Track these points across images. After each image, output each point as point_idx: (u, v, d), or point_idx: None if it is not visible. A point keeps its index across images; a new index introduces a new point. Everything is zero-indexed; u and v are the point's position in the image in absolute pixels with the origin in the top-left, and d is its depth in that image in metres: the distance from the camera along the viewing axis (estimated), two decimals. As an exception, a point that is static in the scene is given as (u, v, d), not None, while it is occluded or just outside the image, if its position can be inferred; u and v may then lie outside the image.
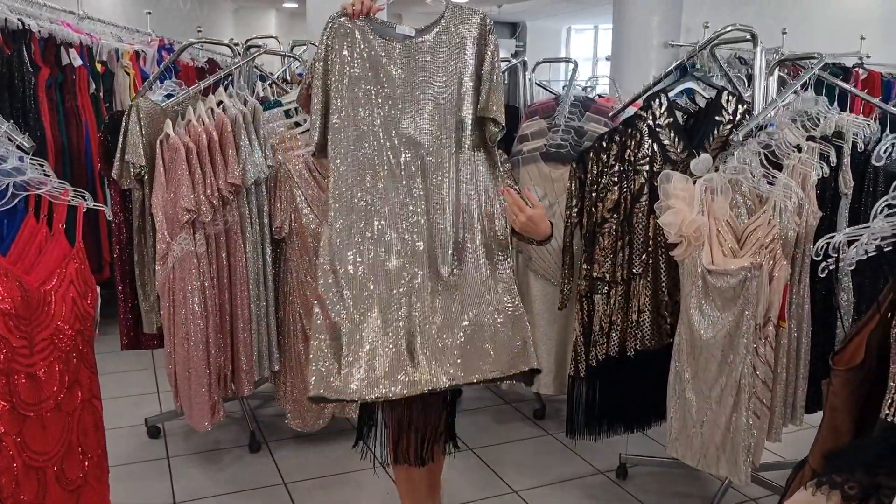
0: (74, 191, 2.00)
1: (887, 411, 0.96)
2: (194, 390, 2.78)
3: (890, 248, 1.21)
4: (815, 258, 1.53)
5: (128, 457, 3.06)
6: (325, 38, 2.05)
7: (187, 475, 2.94)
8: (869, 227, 1.29)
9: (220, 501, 2.77)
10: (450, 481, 2.91)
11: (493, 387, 3.84)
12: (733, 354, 2.28)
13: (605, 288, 2.73)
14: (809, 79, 2.63)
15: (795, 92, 2.51)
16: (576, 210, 2.78)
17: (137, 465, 3.01)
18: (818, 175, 2.27)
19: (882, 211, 1.27)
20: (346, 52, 2.03)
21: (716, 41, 2.77)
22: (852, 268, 1.57)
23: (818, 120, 2.46)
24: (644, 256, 2.69)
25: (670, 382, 2.50)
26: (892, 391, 0.96)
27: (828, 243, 1.43)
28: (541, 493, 2.87)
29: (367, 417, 2.21)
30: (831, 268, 1.59)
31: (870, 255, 1.29)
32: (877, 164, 2.29)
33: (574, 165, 2.78)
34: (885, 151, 2.29)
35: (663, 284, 2.70)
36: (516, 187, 2.16)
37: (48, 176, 1.99)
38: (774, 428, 2.41)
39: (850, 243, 1.32)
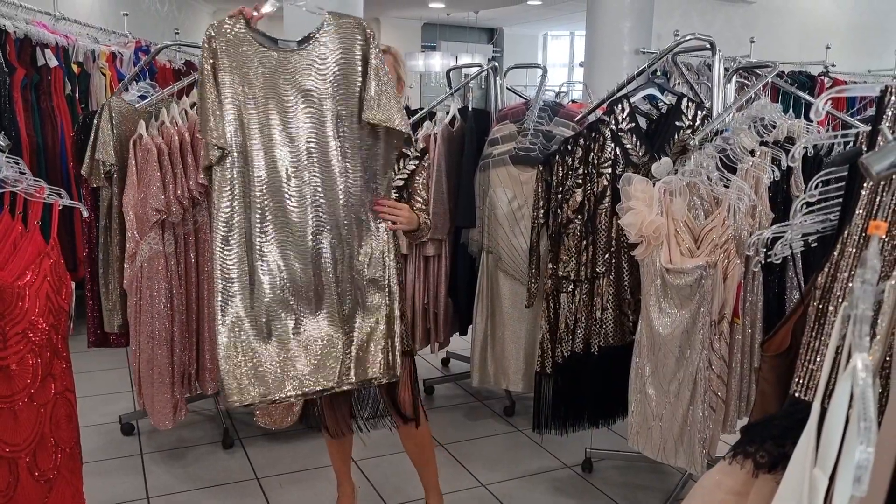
0: (50, 189, 2.05)
1: (795, 388, 1.05)
2: (157, 389, 2.83)
3: (816, 243, 1.30)
4: (747, 253, 1.62)
5: (101, 452, 3.10)
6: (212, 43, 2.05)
7: (160, 471, 2.98)
8: (791, 224, 1.38)
9: (193, 496, 2.82)
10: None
11: (465, 385, 3.92)
12: (690, 350, 2.38)
13: (571, 286, 2.82)
14: (765, 86, 2.73)
15: (749, 99, 2.62)
16: (542, 211, 2.87)
17: (111, 461, 3.04)
18: (770, 178, 2.37)
19: (801, 209, 1.36)
20: (227, 58, 2.04)
21: (676, 49, 2.87)
22: (779, 262, 1.67)
23: (772, 126, 2.56)
24: (607, 256, 2.78)
25: (632, 378, 2.59)
26: (800, 369, 1.05)
27: (757, 239, 1.53)
28: (508, 487, 2.94)
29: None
30: (776, 262, 1.68)
31: (795, 250, 1.38)
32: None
33: (541, 168, 2.87)
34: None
35: (626, 283, 2.80)
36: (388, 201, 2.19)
37: (24, 174, 2.04)
38: (730, 420, 2.51)
39: (777, 240, 1.41)
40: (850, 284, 0.99)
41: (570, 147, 2.79)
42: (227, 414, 3.46)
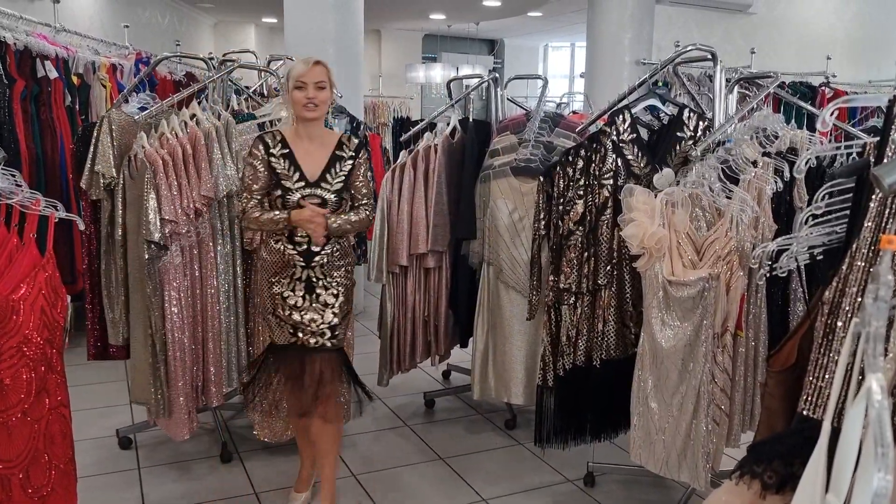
0: (46, 201, 2.03)
1: (803, 405, 1.02)
2: (173, 400, 2.80)
3: (822, 256, 1.28)
4: (752, 266, 1.60)
5: (98, 467, 3.06)
6: None
7: (158, 485, 2.95)
8: (796, 236, 1.35)
9: (191, 511, 2.78)
10: (420, 489, 2.96)
11: (466, 398, 3.89)
12: (693, 363, 2.35)
13: (572, 299, 2.79)
14: (766, 97, 2.71)
15: (751, 109, 2.60)
16: (543, 223, 2.85)
17: (108, 476, 3.01)
18: (773, 189, 2.35)
19: (807, 221, 1.34)
20: None
21: (677, 60, 2.85)
22: (784, 274, 1.64)
23: (774, 136, 2.54)
24: (609, 268, 2.76)
25: (634, 391, 2.56)
26: (808, 386, 1.02)
27: (762, 252, 1.51)
28: (510, 501, 2.91)
29: None
30: (782, 275, 1.65)
31: (800, 263, 1.36)
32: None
33: (542, 179, 2.85)
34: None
35: (628, 295, 2.77)
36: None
37: (20, 186, 2.02)
38: (733, 434, 2.48)
39: (782, 252, 1.39)
40: (860, 299, 0.97)
41: (571, 158, 2.77)
42: (226, 427, 3.44)
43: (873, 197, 1.00)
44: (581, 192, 2.76)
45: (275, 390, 2.62)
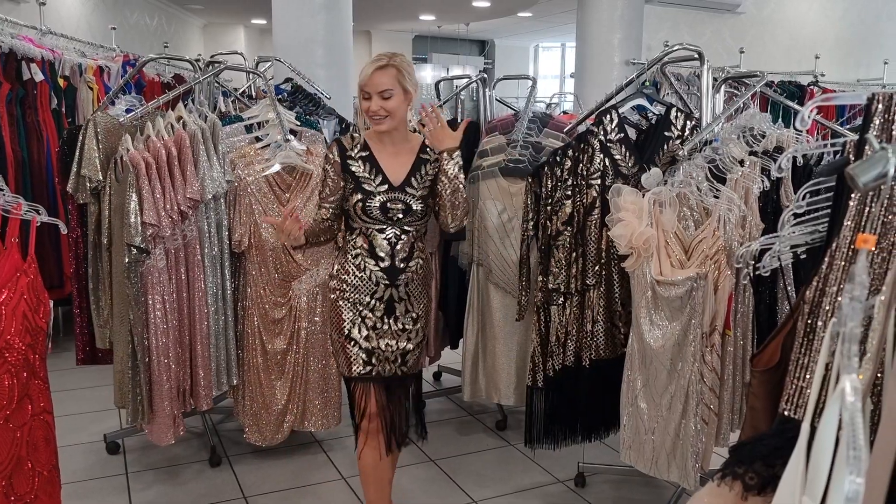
0: (28, 205, 2.01)
1: (785, 405, 1.01)
2: (156, 404, 2.78)
3: (804, 255, 1.28)
4: (736, 265, 1.60)
5: (86, 473, 3.04)
6: None
7: (146, 491, 2.92)
8: (779, 235, 1.35)
9: (179, 516, 2.76)
10: (410, 491, 2.95)
11: (457, 399, 3.88)
12: (681, 362, 2.35)
13: (561, 299, 2.78)
14: (754, 96, 2.72)
15: (738, 109, 2.60)
16: (532, 223, 2.84)
17: (95, 482, 2.98)
18: (760, 188, 2.35)
19: (789, 220, 1.33)
20: None
21: (664, 59, 2.85)
22: (767, 274, 1.64)
23: (761, 136, 2.55)
24: (597, 268, 2.75)
25: (623, 391, 2.56)
26: (789, 386, 1.02)
27: (745, 251, 1.50)
28: (500, 503, 2.90)
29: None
30: (765, 275, 1.65)
31: (783, 262, 1.36)
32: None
33: (530, 180, 2.84)
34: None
35: (617, 295, 2.77)
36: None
37: (1, 190, 2.00)
38: (722, 433, 2.48)
39: (765, 252, 1.39)
40: (840, 299, 0.96)
41: (559, 158, 2.77)
42: (215, 431, 3.42)
43: (853, 195, 1.00)
44: (569, 193, 2.75)
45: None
